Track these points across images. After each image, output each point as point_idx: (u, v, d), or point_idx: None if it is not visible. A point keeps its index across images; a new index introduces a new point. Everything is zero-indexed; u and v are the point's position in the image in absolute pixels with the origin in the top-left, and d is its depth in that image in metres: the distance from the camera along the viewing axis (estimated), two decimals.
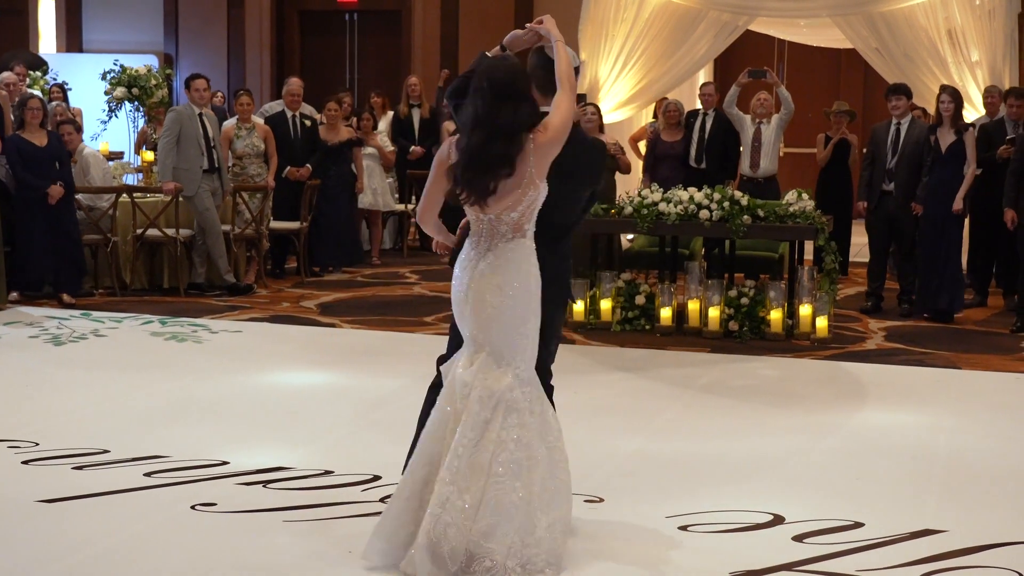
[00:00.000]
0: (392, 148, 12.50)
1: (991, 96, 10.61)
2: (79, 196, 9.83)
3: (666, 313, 8.58)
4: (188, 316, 8.98)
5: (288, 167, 10.73)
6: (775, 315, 8.40)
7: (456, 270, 4.22)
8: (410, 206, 12.74)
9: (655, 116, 12.48)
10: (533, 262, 4.16)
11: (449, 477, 3.96)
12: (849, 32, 11.90)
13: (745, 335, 8.40)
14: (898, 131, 9.62)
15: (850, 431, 6.14)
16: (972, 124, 9.71)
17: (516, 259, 4.12)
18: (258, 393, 6.73)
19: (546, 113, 4.13)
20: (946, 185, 9.12)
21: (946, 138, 9.17)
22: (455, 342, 4.39)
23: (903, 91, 9.74)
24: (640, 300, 8.67)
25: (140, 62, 14.78)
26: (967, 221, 9.88)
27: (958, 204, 9.08)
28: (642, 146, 11.96)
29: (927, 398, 6.91)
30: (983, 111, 10.76)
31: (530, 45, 4.38)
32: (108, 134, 14.33)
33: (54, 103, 11.88)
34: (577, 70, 4.33)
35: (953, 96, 9.22)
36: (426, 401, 4.52)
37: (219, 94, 13.57)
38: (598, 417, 6.25)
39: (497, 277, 4.09)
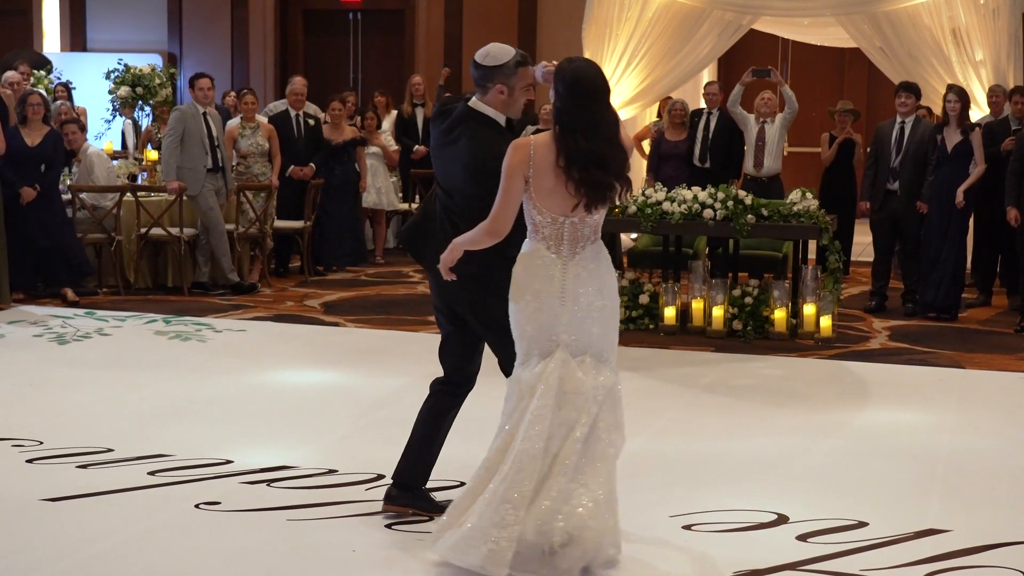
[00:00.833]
0: (396, 147, 12.50)
1: (995, 95, 10.59)
2: (83, 195, 9.83)
3: (670, 312, 8.57)
4: (192, 315, 8.98)
5: (292, 166, 10.74)
6: (779, 314, 8.40)
7: (524, 277, 4.08)
8: (413, 205, 12.74)
9: (659, 115, 12.48)
10: (611, 260, 4.23)
11: (572, 473, 3.95)
12: (853, 31, 11.90)
13: (749, 334, 8.40)
14: (902, 129, 9.59)
15: (854, 430, 6.14)
16: (978, 124, 9.70)
17: (604, 260, 4.17)
18: (262, 392, 6.74)
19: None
20: (951, 184, 9.11)
21: (952, 138, 9.16)
22: (460, 348, 4.45)
23: (913, 90, 9.71)
24: (644, 299, 8.67)
25: (144, 61, 14.82)
26: (971, 222, 9.87)
27: (959, 197, 9.07)
28: (646, 145, 11.95)
29: (931, 398, 6.90)
30: (987, 110, 10.75)
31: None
32: (112, 133, 14.36)
33: (58, 102, 11.90)
34: None
35: (959, 95, 9.21)
36: (425, 405, 4.55)
37: (231, 94, 13.56)
38: None
39: (595, 280, 4.11)
